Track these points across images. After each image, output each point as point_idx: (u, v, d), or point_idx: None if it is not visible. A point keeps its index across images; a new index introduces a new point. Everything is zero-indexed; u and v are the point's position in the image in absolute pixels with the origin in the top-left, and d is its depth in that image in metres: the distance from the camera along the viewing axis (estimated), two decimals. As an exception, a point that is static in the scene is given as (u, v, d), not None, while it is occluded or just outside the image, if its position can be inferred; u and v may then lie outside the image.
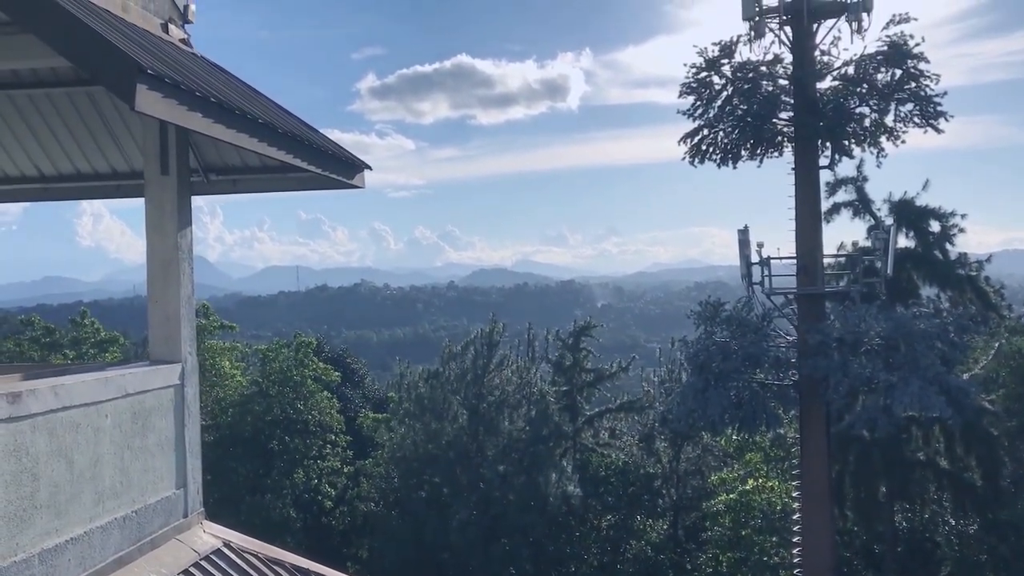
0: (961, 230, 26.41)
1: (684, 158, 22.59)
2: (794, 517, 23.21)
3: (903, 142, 21.18)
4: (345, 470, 36.22)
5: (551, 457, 31.70)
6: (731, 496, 29.14)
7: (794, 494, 23.52)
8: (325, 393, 36.50)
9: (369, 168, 8.88)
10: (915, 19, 21.30)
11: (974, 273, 26.92)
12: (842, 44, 21.48)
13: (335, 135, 9.69)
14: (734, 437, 29.46)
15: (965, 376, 22.68)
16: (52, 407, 5.70)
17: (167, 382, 7.39)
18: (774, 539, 27.56)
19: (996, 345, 26.97)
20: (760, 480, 29.21)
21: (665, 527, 33.01)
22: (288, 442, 34.60)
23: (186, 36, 8.35)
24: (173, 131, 7.41)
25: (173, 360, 7.59)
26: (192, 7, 8.39)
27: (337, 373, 38.68)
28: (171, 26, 8.17)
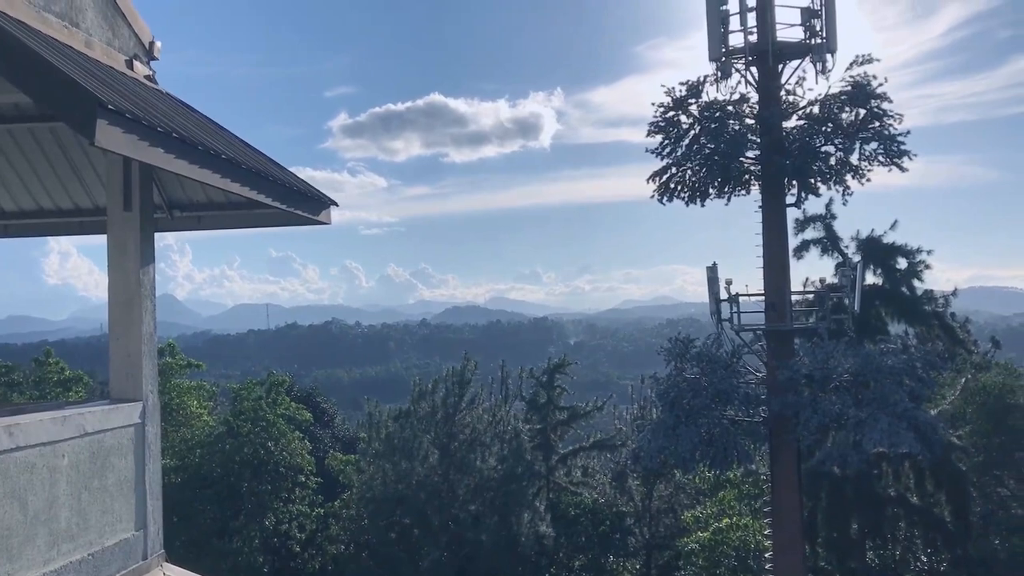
0: (928, 267, 26.82)
1: (653, 196, 22.76)
2: (767, 555, 23.11)
3: (868, 180, 21.47)
4: (314, 512, 35.67)
5: (524, 496, 31.43)
6: (705, 535, 29.02)
7: (766, 532, 23.45)
8: (297, 433, 36.03)
9: (336, 204, 8.85)
10: (878, 60, 21.73)
11: (941, 309, 27.28)
12: (807, 84, 21.83)
13: (307, 173, 9.70)
14: (708, 474, 29.42)
15: (933, 412, 22.84)
16: (5, 447, 5.56)
17: (127, 421, 7.26)
18: (748, 577, 27.45)
19: (963, 381, 27.26)
20: (734, 518, 29.13)
21: (638, 566, 32.76)
22: (257, 484, 34.03)
23: (151, 72, 8.32)
24: (136, 167, 7.35)
25: (134, 398, 7.46)
26: (158, 44, 8.38)
27: (308, 413, 38.24)
28: (136, 63, 8.13)
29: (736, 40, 21.57)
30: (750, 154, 21.63)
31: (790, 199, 21.81)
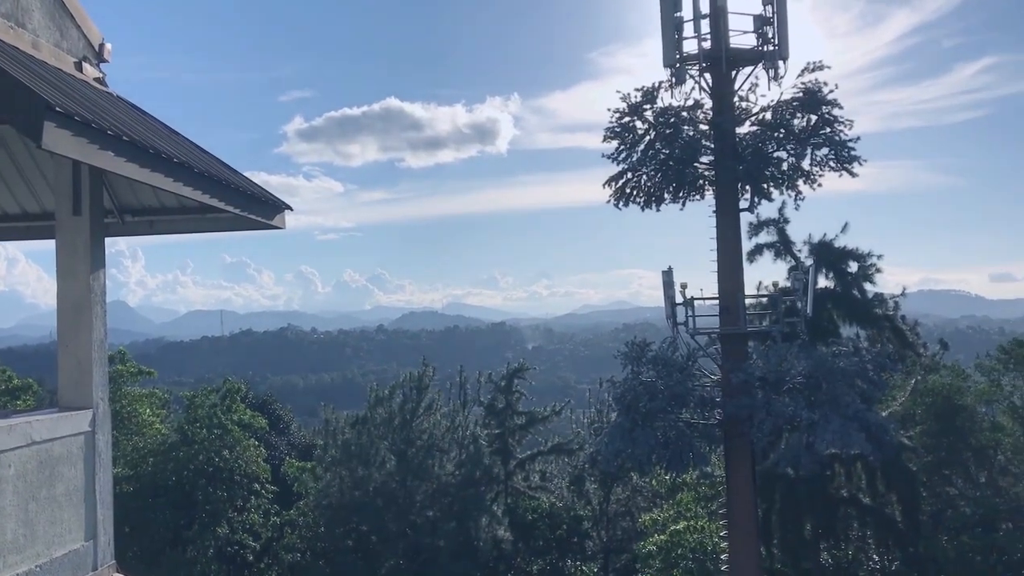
0: (878, 270, 27.29)
1: (609, 201, 22.90)
2: (723, 557, 23.33)
3: (820, 185, 21.80)
4: (270, 520, 35.27)
5: (482, 501, 31.40)
6: (662, 537, 29.20)
7: (722, 533, 23.68)
8: (252, 441, 35.62)
9: (290, 209, 8.78)
10: (829, 67, 22.09)
11: (891, 312, 27.77)
12: (760, 91, 22.13)
13: (262, 177, 9.63)
14: (664, 477, 29.62)
15: (884, 413, 23.23)
16: (-51, 457, 5.43)
17: (77, 429, 7.12)
18: (706, 579, 27.66)
19: (912, 382, 27.76)
20: (691, 520, 29.34)
21: (596, 570, 32.87)
22: (212, 492, 33.57)
23: (101, 75, 8.19)
24: (86, 171, 7.22)
25: (84, 406, 7.32)
26: (108, 46, 8.25)
27: (264, 420, 37.84)
28: (85, 65, 8.00)
29: (690, 46, 21.82)
30: (704, 159, 21.86)
31: (744, 204, 22.08)
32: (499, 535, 30.97)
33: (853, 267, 27.00)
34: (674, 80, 21.90)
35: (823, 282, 26.47)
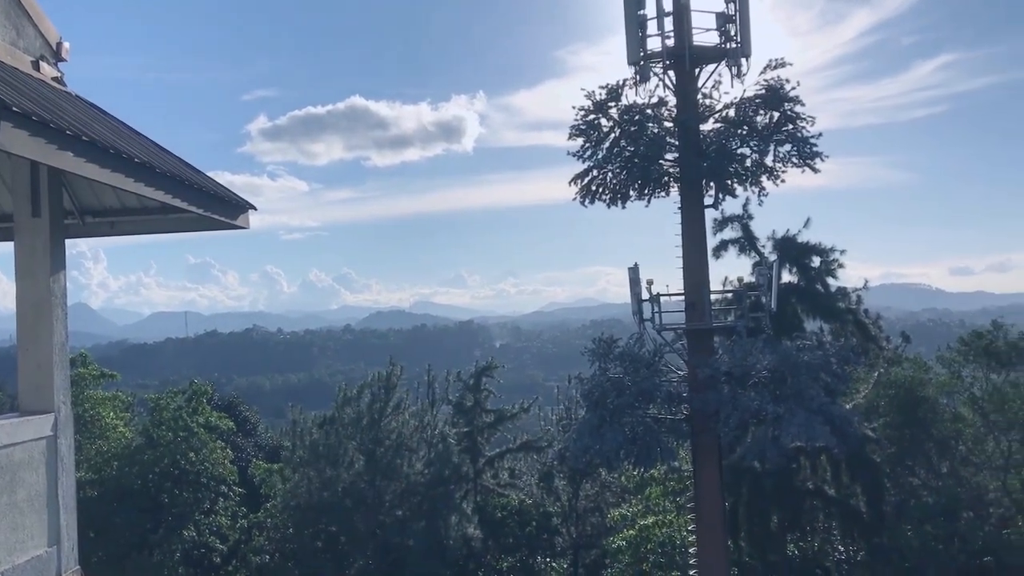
0: (841, 265, 27.66)
1: (575, 199, 22.95)
2: (691, 551, 23.51)
3: (783, 181, 21.99)
4: (238, 523, 35.00)
5: (451, 500, 31.38)
6: (631, 532, 29.37)
7: (690, 527, 23.86)
8: (219, 443, 35.31)
9: (254, 208, 8.71)
10: (791, 64, 22.28)
11: (854, 306, 28.15)
12: (723, 88, 22.22)
13: (225, 177, 9.52)
14: (633, 473, 29.79)
15: (848, 406, 23.52)
16: (-94, 464, 5.33)
17: (38, 434, 7.03)
18: (675, 574, 27.87)
19: (875, 375, 28.16)
20: (659, 515, 29.54)
21: (565, 566, 32.99)
22: (178, 495, 33.24)
23: (59, 74, 8.08)
24: (45, 171, 7.13)
25: (45, 410, 7.23)
26: (66, 45, 8.13)
27: (230, 421, 37.53)
28: (43, 64, 7.89)
29: (654, 44, 21.88)
30: (669, 156, 21.97)
31: (708, 200, 22.20)
32: (469, 533, 30.99)
33: (816, 262, 27.35)
34: (638, 78, 21.98)
35: (787, 277, 26.78)
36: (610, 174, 22.35)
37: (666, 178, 22.21)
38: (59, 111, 6.24)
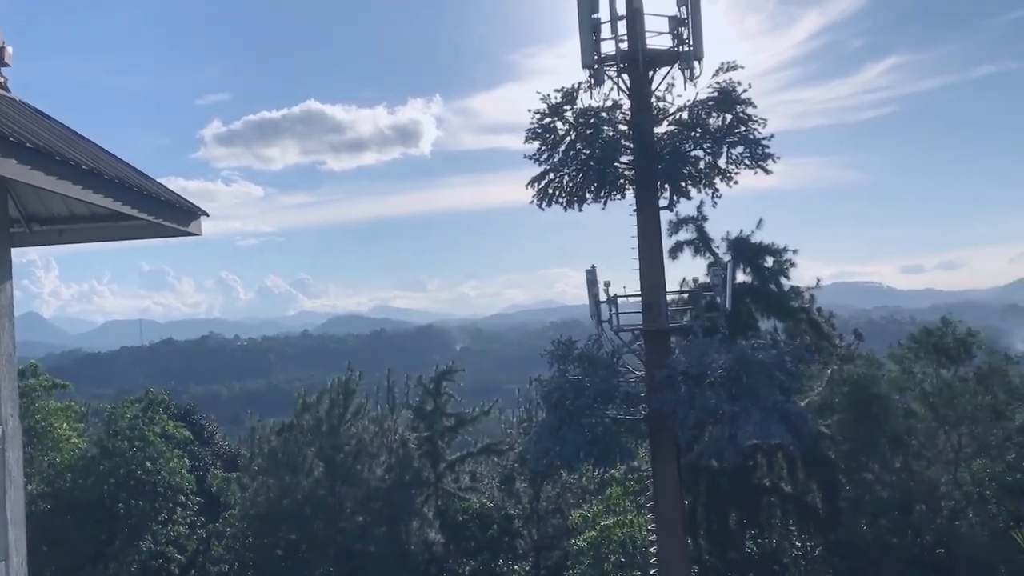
0: (793, 264, 28.09)
1: (533, 201, 23.01)
2: (651, 550, 23.67)
3: (736, 183, 22.26)
4: (196, 533, 34.55)
5: (412, 505, 31.31)
6: (592, 533, 29.49)
7: (650, 527, 24.03)
8: (176, 452, 34.85)
9: (206, 215, 8.64)
10: (742, 67, 22.54)
11: (807, 305, 28.58)
12: (676, 91, 22.44)
13: (179, 183, 9.44)
14: (593, 474, 29.91)
15: (802, 403, 23.84)
16: None
17: (-15, 447, 6.90)
18: (636, 573, 28.05)
19: (829, 372, 28.59)
20: (620, 515, 29.70)
21: (527, 568, 33.04)
22: (134, 505, 32.74)
23: (2, 80, 7.94)
24: (-11, 179, 7.00)
25: (-8, 423, 7.09)
26: (9, 50, 7.99)
27: (187, 431, 37.06)
28: (-14, 70, 7.75)
29: (608, 48, 22.04)
30: (624, 159, 22.13)
31: (663, 202, 22.40)
32: (430, 538, 30.93)
33: (769, 262, 27.74)
34: (593, 81, 22.12)
35: (741, 277, 27.12)
36: (567, 177, 22.46)
37: (622, 180, 22.36)
38: (2, 117, 6.15)
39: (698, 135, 21.87)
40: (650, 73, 22.19)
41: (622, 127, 22.19)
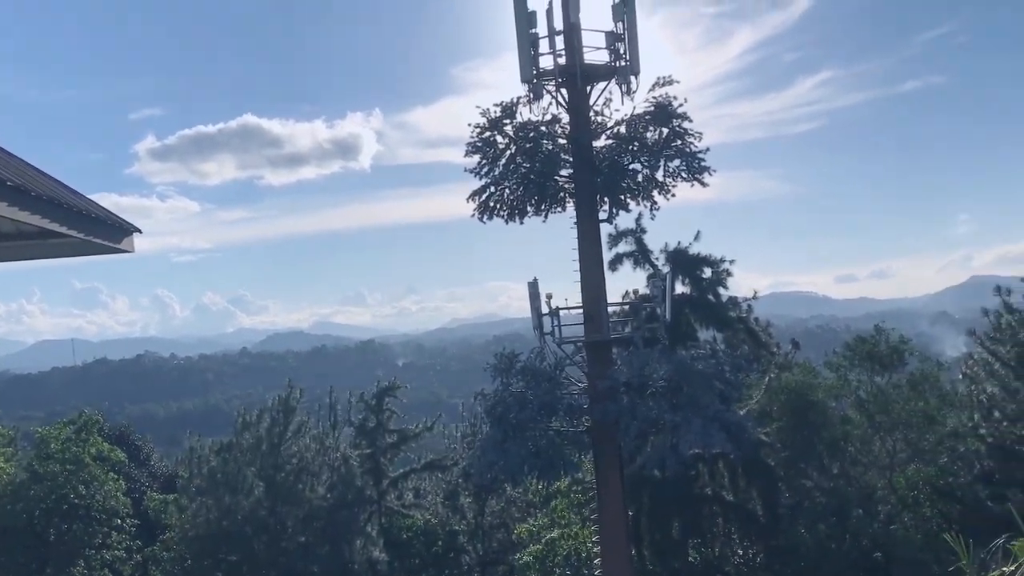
0: (730, 275, 28.53)
1: (474, 215, 23.02)
2: (596, 562, 23.73)
3: (673, 195, 22.50)
4: (133, 558, 33.72)
5: (355, 523, 30.96)
6: (537, 547, 29.48)
7: (595, 538, 24.10)
8: (111, 474, 33.99)
9: (139, 231, 8.47)
10: (678, 82, 22.83)
11: (745, 315, 29.04)
12: (614, 105, 22.62)
13: (112, 199, 9.22)
14: (538, 487, 29.92)
15: (742, 412, 24.17)
16: None
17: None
18: (582, 585, 28.10)
19: (767, 380, 29.07)
20: (565, 528, 29.74)
21: (473, 583, 32.90)
22: (67, 530, 31.84)
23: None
24: (-90, 197, 6.76)
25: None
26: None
27: (122, 452, 36.21)
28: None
29: (546, 62, 22.18)
30: (564, 173, 22.28)
31: (603, 215, 22.57)
32: (374, 556, 30.61)
33: (707, 273, 28.13)
34: (532, 95, 22.24)
35: (680, 288, 27.44)
36: (507, 190, 22.52)
37: (562, 194, 22.50)
38: (-75, 133, 5.96)
39: (636, 149, 22.10)
40: (588, 88, 22.38)
41: (561, 141, 22.34)
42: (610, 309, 23.11)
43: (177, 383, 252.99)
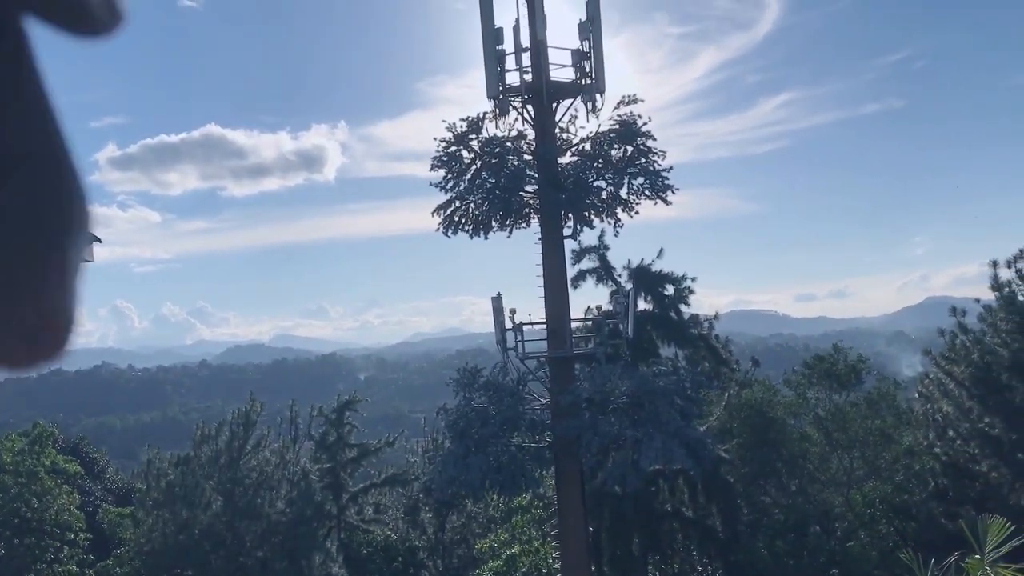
0: (692, 292, 28.80)
1: (438, 229, 23.07)
2: (556, 577, 23.75)
3: (637, 213, 22.74)
4: (86, 572, 33.09)
5: (314, 538, 30.66)
6: (497, 563, 29.41)
7: (555, 554, 24.13)
8: (64, 487, 33.36)
9: (99, 240, 8.38)
10: (642, 100, 23.13)
11: (706, 332, 29.31)
12: (579, 122, 22.89)
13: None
14: (499, 502, 29.89)
15: (702, 428, 24.38)
16: None
17: None
18: (541, 602, 28.08)
19: (726, 397, 29.35)
20: (525, 544, 29.71)
21: (433, 599, 32.70)
22: (18, 545, 31.18)
23: None
24: None
25: None
26: None
27: (77, 465, 35.59)
28: None
29: (513, 79, 22.37)
30: (529, 188, 22.42)
31: (567, 231, 22.71)
32: (333, 572, 30.32)
33: (670, 290, 28.39)
34: (498, 111, 22.38)
35: (643, 305, 27.65)
36: (472, 205, 22.61)
37: (527, 209, 22.63)
38: None
39: (600, 166, 22.30)
40: (554, 105, 22.58)
41: (527, 157, 22.49)
42: (573, 325, 23.24)
43: (135, 395, 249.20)
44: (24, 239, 0.68)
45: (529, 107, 22.55)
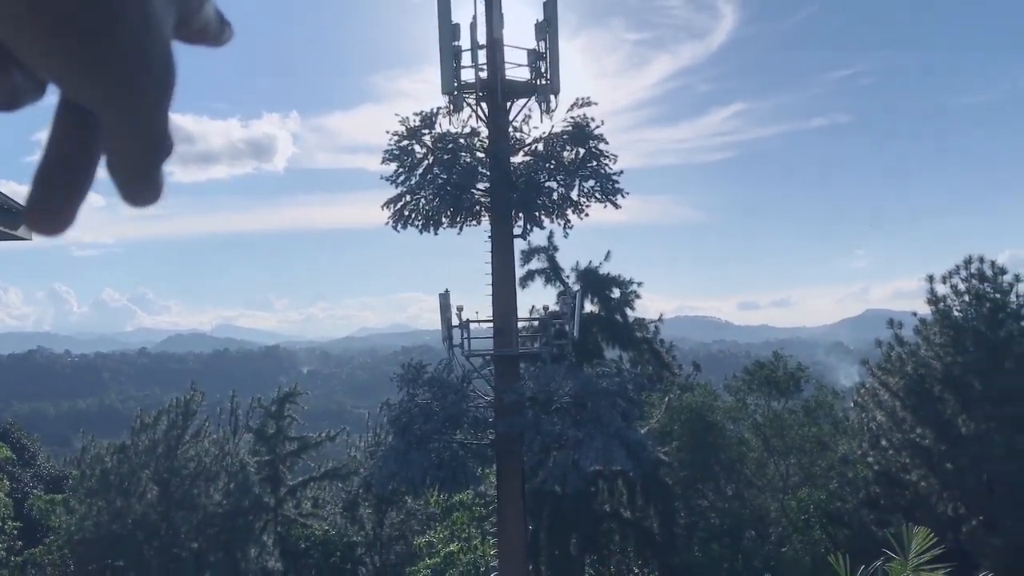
0: (638, 296, 29.10)
1: (388, 223, 22.96)
2: None
3: (587, 215, 22.87)
4: (12, 560, 32.27)
5: (251, 531, 30.33)
6: (435, 560, 29.39)
7: (493, 552, 24.17)
8: (-9, 473, 32.51)
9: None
10: (596, 103, 23.28)
11: (650, 336, 29.63)
12: (533, 122, 22.95)
13: (11, 187, 8.89)
14: (439, 499, 29.85)
15: (643, 430, 24.61)
16: None
17: None
18: (478, 599, 28.10)
19: (667, 400, 29.71)
20: (464, 541, 29.73)
21: (369, 595, 32.54)
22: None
23: None
24: None
25: None
26: None
27: (7, 450, 34.70)
28: None
29: (468, 75, 22.36)
30: (480, 186, 22.42)
31: (517, 231, 22.76)
32: (269, 566, 30.02)
33: (616, 293, 28.65)
34: (452, 107, 22.36)
35: (589, 307, 27.88)
36: (423, 200, 22.54)
37: (477, 207, 22.62)
38: None
39: (552, 167, 22.38)
40: (508, 103, 22.61)
41: (479, 154, 22.49)
42: (520, 324, 23.30)
43: (71, 381, 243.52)
44: None
45: (483, 105, 22.55)
